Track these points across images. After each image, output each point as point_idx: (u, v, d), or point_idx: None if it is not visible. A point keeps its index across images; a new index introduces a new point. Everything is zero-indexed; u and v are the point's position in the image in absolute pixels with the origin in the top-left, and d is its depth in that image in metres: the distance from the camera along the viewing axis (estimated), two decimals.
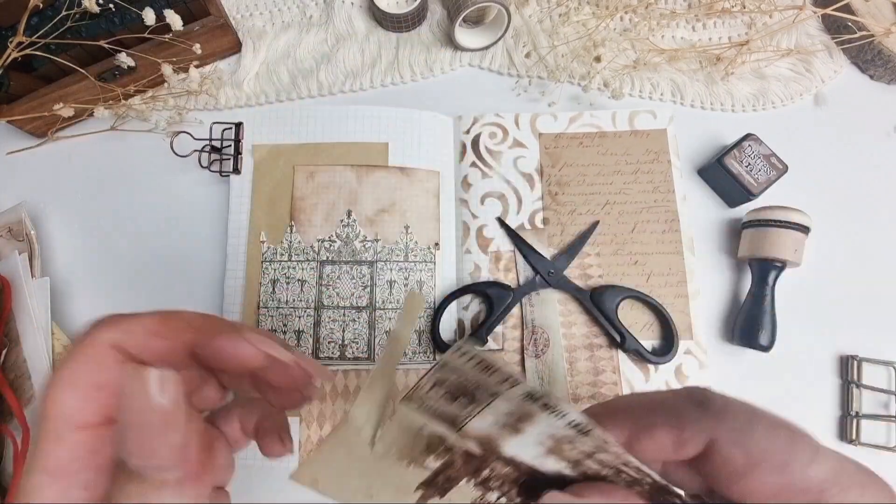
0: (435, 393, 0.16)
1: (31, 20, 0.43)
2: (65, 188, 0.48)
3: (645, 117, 0.47)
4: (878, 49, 0.48)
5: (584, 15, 0.52)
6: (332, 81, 0.51)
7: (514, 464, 0.18)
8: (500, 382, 0.15)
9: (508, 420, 0.16)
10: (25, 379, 0.40)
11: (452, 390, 0.16)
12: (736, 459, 0.15)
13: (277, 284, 0.44)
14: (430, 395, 0.16)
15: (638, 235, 0.45)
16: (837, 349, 0.44)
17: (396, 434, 0.17)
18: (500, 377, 0.15)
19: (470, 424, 0.17)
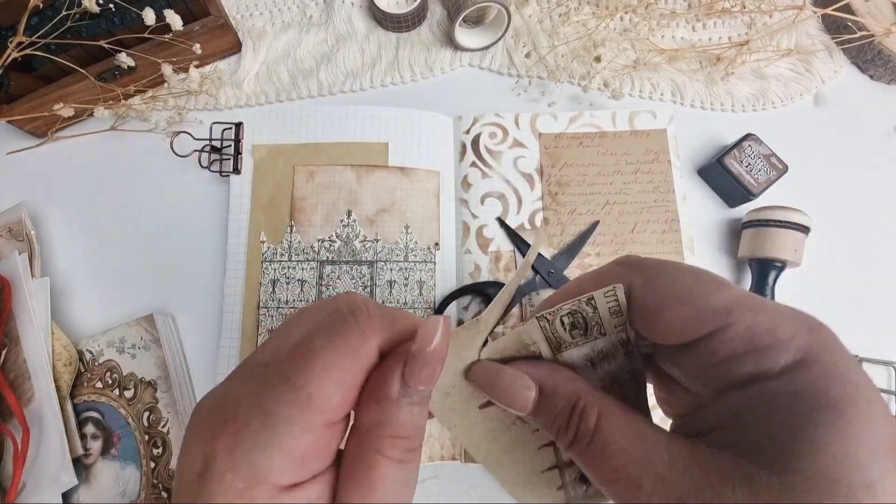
0: (566, 319, 0.18)
1: (31, 20, 0.43)
2: (65, 188, 0.48)
3: (645, 117, 0.47)
4: (878, 49, 0.48)
5: (584, 15, 0.52)
6: (332, 81, 0.51)
7: None
8: (615, 326, 0.18)
9: (595, 357, 0.19)
10: (25, 379, 0.40)
11: (578, 322, 0.18)
12: (647, 299, 0.17)
13: (277, 284, 0.44)
14: (559, 320, 0.18)
15: (638, 235, 0.45)
16: None
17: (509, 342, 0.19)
18: (620, 321, 0.18)
19: (569, 352, 0.19)
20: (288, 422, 0.15)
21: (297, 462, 0.15)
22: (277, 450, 0.14)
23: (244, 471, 0.14)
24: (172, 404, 0.41)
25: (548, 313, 0.18)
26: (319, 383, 0.15)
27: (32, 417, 0.39)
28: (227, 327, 0.43)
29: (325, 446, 0.16)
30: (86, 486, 0.40)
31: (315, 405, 0.15)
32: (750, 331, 0.15)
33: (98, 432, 0.41)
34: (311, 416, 0.15)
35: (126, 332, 0.42)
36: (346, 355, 0.16)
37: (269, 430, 0.14)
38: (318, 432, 0.15)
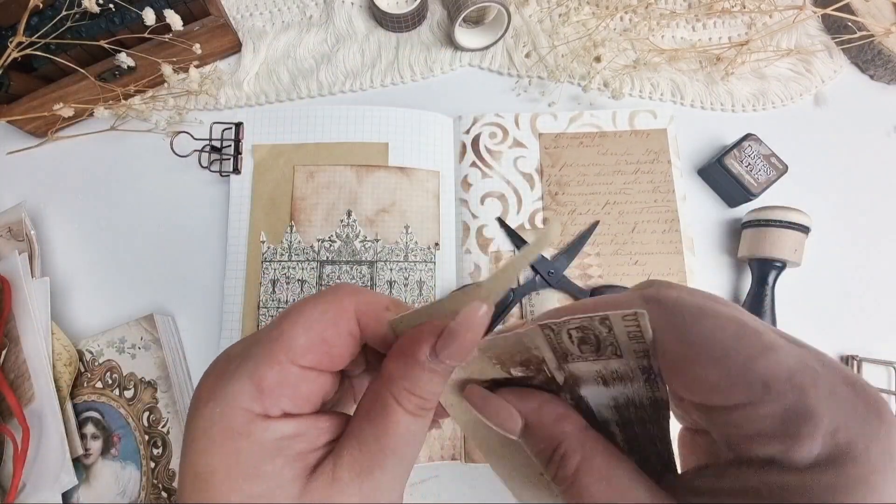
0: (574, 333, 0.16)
1: (31, 20, 0.43)
2: (65, 188, 0.48)
3: (645, 117, 0.47)
4: (878, 49, 0.48)
5: (584, 15, 0.52)
6: (332, 81, 0.51)
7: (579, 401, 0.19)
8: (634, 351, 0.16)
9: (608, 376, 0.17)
10: (25, 379, 0.40)
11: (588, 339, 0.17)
12: (674, 346, 0.15)
13: (277, 284, 0.44)
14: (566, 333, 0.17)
15: (638, 235, 0.45)
16: (837, 349, 0.44)
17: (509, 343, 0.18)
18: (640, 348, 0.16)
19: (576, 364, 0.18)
20: (258, 356, 0.17)
21: (265, 391, 0.17)
22: (247, 377, 0.17)
23: (220, 397, 0.17)
24: (172, 404, 0.41)
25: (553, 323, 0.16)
26: (289, 325, 0.18)
27: (32, 417, 0.39)
28: (227, 327, 0.43)
29: (294, 385, 0.17)
30: (86, 486, 0.40)
31: (281, 342, 0.17)
32: (786, 413, 0.13)
33: (98, 432, 0.41)
34: (275, 350, 0.17)
35: (126, 332, 0.42)
36: (316, 306, 0.18)
37: (243, 365, 0.17)
38: (283, 367, 0.17)
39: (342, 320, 0.18)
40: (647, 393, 0.17)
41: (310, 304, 0.18)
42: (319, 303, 0.18)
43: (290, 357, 0.17)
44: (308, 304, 0.18)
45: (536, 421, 0.18)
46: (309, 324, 0.18)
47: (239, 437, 0.16)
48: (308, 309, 0.18)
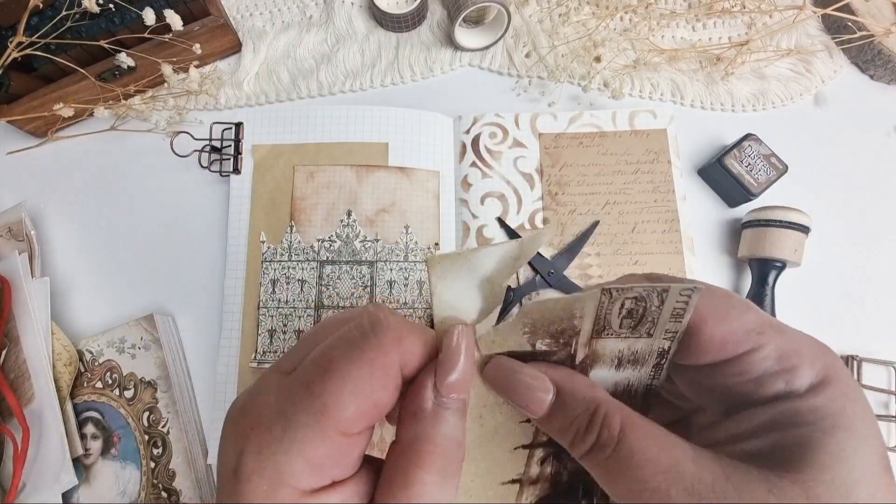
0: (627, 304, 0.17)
1: (31, 20, 0.43)
2: (65, 188, 0.48)
3: (645, 117, 0.47)
4: (878, 49, 0.48)
5: (584, 15, 0.52)
6: (332, 81, 0.51)
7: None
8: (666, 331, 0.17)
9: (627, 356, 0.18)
10: (25, 379, 0.40)
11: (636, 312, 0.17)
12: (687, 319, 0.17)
13: (277, 284, 0.44)
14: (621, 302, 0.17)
15: (638, 235, 0.45)
16: (837, 349, 0.44)
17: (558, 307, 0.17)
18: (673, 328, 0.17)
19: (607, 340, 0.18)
20: (305, 428, 0.15)
21: (316, 467, 0.15)
22: (297, 455, 0.15)
23: (268, 473, 0.15)
24: (172, 404, 0.41)
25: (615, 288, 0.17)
26: (335, 392, 0.16)
27: (32, 417, 0.39)
28: (227, 327, 0.43)
29: (345, 455, 0.16)
30: (86, 486, 0.40)
31: (329, 414, 0.15)
32: (779, 351, 0.17)
33: (98, 432, 0.41)
34: (325, 424, 0.15)
35: (126, 332, 0.42)
36: (361, 367, 0.16)
37: (290, 435, 0.15)
38: (335, 440, 0.16)
39: (390, 379, 0.17)
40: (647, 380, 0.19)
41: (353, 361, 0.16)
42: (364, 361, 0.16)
43: (341, 428, 0.16)
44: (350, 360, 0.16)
45: (570, 387, 0.18)
46: (356, 390, 0.16)
47: None
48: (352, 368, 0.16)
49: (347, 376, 0.16)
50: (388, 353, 0.17)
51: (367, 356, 0.16)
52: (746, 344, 0.17)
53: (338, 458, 0.16)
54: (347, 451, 0.16)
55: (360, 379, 0.16)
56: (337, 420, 0.16)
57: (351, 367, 0.16)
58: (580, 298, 0.17)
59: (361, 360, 0.16)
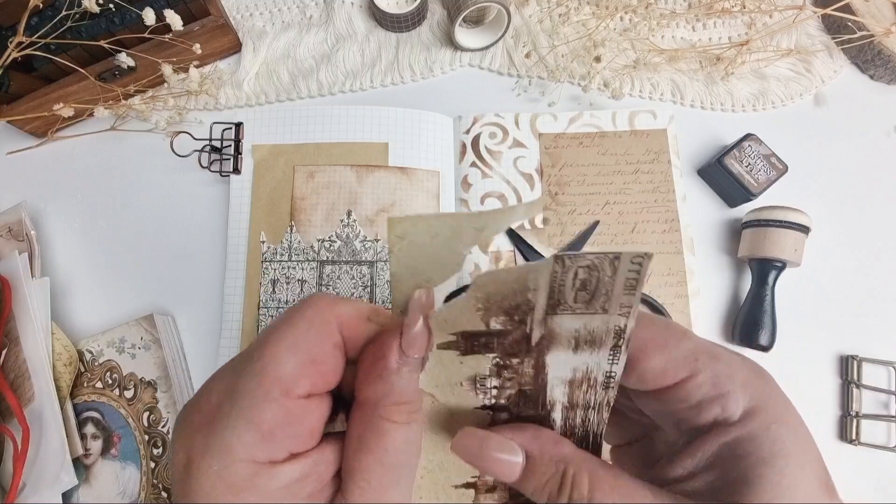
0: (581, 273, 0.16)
1: (31, 20, 0.43)
2: (65, 188, 0.48)
3: (645, 117, 0.47)
4: (878, 49, 0.48)
5: (584, 15, 0.52)
6: (332, 81, 0.51)
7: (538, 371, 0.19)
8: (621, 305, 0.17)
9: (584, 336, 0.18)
10: (25, 379, 0.40)
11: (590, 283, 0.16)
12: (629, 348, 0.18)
13: (277, 284, 0.44)
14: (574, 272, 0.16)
15: (638, 235, 0.45)
16: (837, 349, 0.44)
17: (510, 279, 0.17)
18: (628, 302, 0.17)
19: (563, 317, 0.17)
20: (249, 394, 0.15)
21: (267, 435, 0.15)
22: (244, 424, 0.15)
23: (218, 451, 0.15)
24: (172, 404, 0.41)
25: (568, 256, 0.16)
26: (273, 352, 0.16)
27: (32, 417, 0.39)
28: (227, 327, 0.43)
29: (296, 422, 0.16)
30: (86, 486, 0.40)
31: (269, 373, 0.16)
32: (714, 377, 0.17)
33: (98, 432, 0.41)
34: (268, 385, 0.15)
35: (126, 332, 0.42)
36: (297, 326, 0.17)
37: (236, 406, 0.15)
38: (281, 403, 0.16)
39: (326, 334, 0.17)
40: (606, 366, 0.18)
41: (289, 324, 0.17)
42: (300, 320, 0.17)
43: (284, 389, 0.16)
44: (287, 323, 0.17)
45: (538, 450, 0.18)
46: (294, 345, 0.16)
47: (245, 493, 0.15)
48: (289, 329, 0.16)
49: (283, 335, 0.16)
50: (322, 311, 0.17)
51: (301, 315, 0.17)
52: (683, 371, 0.17)
53: (289, 426, 0.16)
54: (298, 417, 0.16)
55: (296, 336, 0.16)
56: (278, 378, 0.16)
57: (287, 327, 0.17)
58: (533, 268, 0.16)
59: (296, 319, 0.17)
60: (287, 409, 0.16)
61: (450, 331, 0.18)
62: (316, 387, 0.17)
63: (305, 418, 0.16)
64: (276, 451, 0.16)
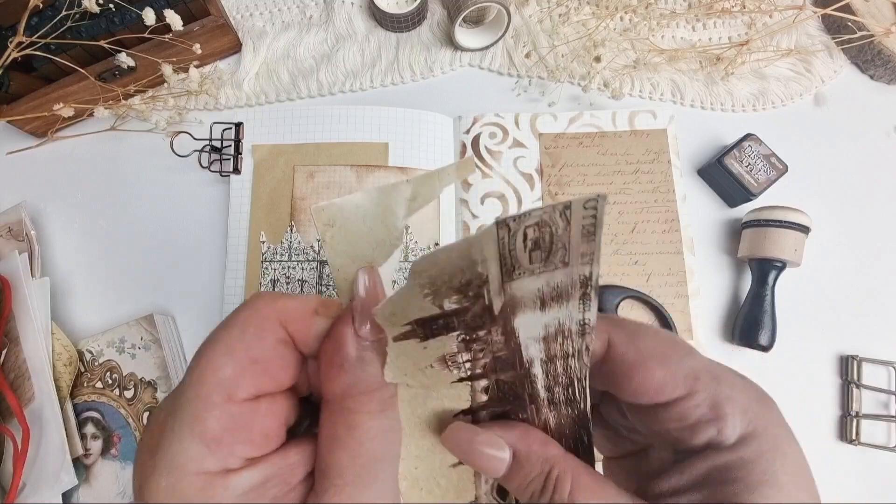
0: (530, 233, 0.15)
1: (31, 20, 0.43)
2: (65, 188, 0.48)
3: (645, 117, 0.47)
4: (878, 49, 0.48)
5: (584, 15, 0.52)
6: (332, 81, 0.51)
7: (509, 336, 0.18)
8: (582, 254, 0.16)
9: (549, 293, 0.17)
10: (25, 379, 0.40)
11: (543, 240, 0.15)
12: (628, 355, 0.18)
13: (277, 284, 0.44)
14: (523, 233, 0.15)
15: (638, 235, 0.45)
16: (837, 349, 0.44)
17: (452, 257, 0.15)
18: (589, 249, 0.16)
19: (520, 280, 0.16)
20: (189, 405, 0.15)
21: (213, 443, 0.15)
22: (188, 435, 0.14)
23: (165, 468, 0.14)
24: None
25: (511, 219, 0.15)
26: (209, 357, 0.15)
27: (32, 417, 0.39)
28: None
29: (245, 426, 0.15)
30: (86, 486, 0.40)
31: (207, 379, 0.15)
32: (712, 398, 0.17)
33: (98, 432, 0.41)
34: (207, 391, 0.15)
35: (126, 332, 0.42)
36: (232, 329, 0.16)
37: (178, 420, 0.15)
38: (226, 409, 0.15)
39: (266, 332, 0.16)
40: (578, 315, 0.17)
41: (225, 328, 0.16)
42: (234, 323, 0.16)
43: (225, 393, 0.15)
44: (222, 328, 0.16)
45: (525, 449, 0.18)
46: (229, 348, 0.16)
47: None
48: (224, 333, 0.16)
49: (219, 340, 0.16)
50: (260, 310, 0.16)
51: (236, 317, 0.16)
52: (681, 389, 0.17)
53: (237, 430, 0.15)
54: (246, 421, 0.15)
55: (232, 337, 0.16)
56: (217, 383, 0.15)
57: (222, 332, 0.16)
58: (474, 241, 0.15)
59: (230, 323, 0.16)
60: (231, 414, 0.15)
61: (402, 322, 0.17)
62: (262, 387, 0.16)
63: (255, 421, 0.16)
64: (227, 459, 0.15)
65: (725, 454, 0.17)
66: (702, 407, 0.17)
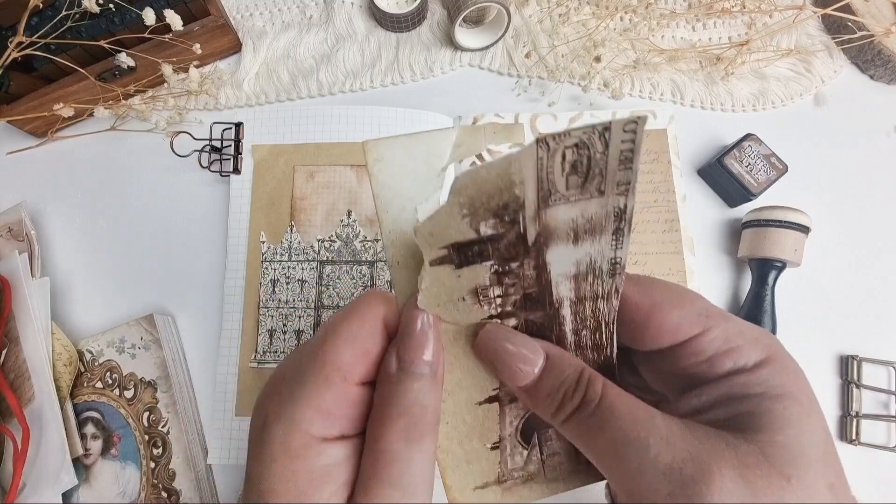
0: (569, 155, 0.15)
1: (31, 20, 0.43)
2: (65, 188, 0.48)
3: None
4: (878, 49, 0.48)
5: (584, 15, 0.52)
6: (332, 81, 0.51)
7: (540, 271, 0.18)
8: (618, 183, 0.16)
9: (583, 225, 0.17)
10: (25, 379, 0.40)
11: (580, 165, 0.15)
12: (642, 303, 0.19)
13: (277, 284, 0.44)
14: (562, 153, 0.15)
15: (638, 235, 0.45)
16: (838, 349, 0.44)
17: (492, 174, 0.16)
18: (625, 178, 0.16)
19: (555, 208, 0.16)
20: (311, 378, 0.18)
21: (324, 414, 0.17)
22: (305, 401, 0.17)
23: (284, 420, 0.17)
24: (172, 404, 0.41)
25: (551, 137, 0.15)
26: (332, 343, 0.18)
27: (32, 417, 0.39)
28: (227, 327, 0.43)
29: (350, 405, 0.18)
30: (86, 487, 0.40)
31: (328, 361, 0.18)
32: (726, 333, 0.18)
33: (98, 432, 0.41)
34: (328, 371, 0.18)
35: (126, 332, 0.42)
36: (352, 321, 0.18)
37: (300, 386, 0.18)
38: (339, 388, 0.18)
39: (378, 329, 0.18)
40: (610, 252, 0.17)
41: (347, 318, 0.19)
42: (356, 316, 0.19)
43: (342, 375, 0.18)
44: (345, 317, 0.19)
45: (558, 352, 0.19)
46: (350, 338, 0.18)
47: (296, 459, 0.17)
48: (345, 324, 0.18)
49: (341, 330, 0.18)
50: (373, 307, 0.19)
51: (356, 311, 0.19)
52: (697, 327, 0.18)
53: (344, 407, 0.18)
54: (353, 402, 0.18)
55: (351, 329, 0.18)
56: (335, 366, 0.18)
57: (343, 323, 0.18)
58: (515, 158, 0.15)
59: (351, 315, 0.19)
60: (344, 393, 0.18)
61: (439, 245, 0.17)
62: (369, 375, 0.18)
63: (358, 404, 0.18)
64: (329, 429, 0.18)
65: (744, 376, 0.18)
66: (717, 341, 0.18)
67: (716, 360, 0.18)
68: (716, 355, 0.18)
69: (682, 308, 0.19)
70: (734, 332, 0.18)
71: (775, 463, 0.15)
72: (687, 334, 0.18)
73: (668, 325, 0.19)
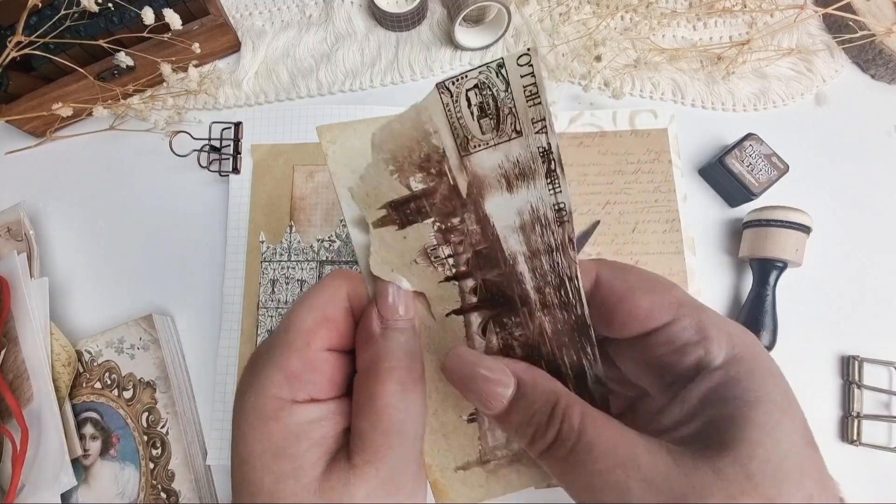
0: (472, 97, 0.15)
1: (30, 20, 0.43)
2: (64, 188, 0.48)
3: (646, 117, 0.47)
4: (879, 48, 0.48)
5: (584, 14, 0.51)
6: (331, 81, 0.50)
7: (484, 225, 0.18)
8: (532, 121, 0.16)
9: (510, 169, 0.17)
10: (24, 379, 0.40)
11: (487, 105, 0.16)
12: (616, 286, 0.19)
13: (277, 284, 0.43)
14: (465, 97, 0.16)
15: (638, 235, 0.45)
16: (838, 349, 0.44)
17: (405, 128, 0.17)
18: (538, 115, 0.16)
19: (478, 154, 0.16)
20: (279, 345, 0.19)
21: (291, 378, 0.18)
22: (273, 366, 0.18)
23: (255, 386, 0.18)
24: (171, 405, 0.41)
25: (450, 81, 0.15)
26: (297, 311, 0.19)
27: (31, 418, 0.39)
28: (226, 327, 0.43)
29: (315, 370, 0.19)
30: (85, 487, 0.40)
31: (293, 327, 0.19)
32: (698, 323, 0.18)
33: (97, 433, 0.41)
34: (292, 337, 0.19)
35: (125, 333, 0.42)
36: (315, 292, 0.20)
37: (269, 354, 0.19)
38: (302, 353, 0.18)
39: (338, 298, 0.20)
40: (550, 198, 0.17)
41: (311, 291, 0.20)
42: (318, 288, 0.20)
43: (305, 340, 0.18)
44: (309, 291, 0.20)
45: (531, 379, 0.18)
46: (311, 306, 0.19)
47: (270, 421, 0.18)
48: (308, 295, 0.20)
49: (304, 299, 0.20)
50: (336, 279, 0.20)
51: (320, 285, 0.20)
52: (668, 315, 0.18)
53: (309, 372, 0.18)
54: (318, 366, 0.19)
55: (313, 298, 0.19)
56: (298, 331, 0.19)
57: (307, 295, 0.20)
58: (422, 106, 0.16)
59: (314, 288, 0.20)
60: (307, 358, 0.18)
61: (377, 205, 0.18)
62: (332, 341, 0.19)
63: (324, 369, 0.19)
64: (297, 393, 0.18)
65: (715, 375, 0.17)
66: (688, 330, 0.18)
67: (687, 349, 0.18)
68: (687, 344, 0.18)
69: (653, 294, 0.19)
70: (707, 323, 0.18)
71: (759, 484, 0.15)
72: (658, 321, 0.18)
73: (639, 311, 0.18)
